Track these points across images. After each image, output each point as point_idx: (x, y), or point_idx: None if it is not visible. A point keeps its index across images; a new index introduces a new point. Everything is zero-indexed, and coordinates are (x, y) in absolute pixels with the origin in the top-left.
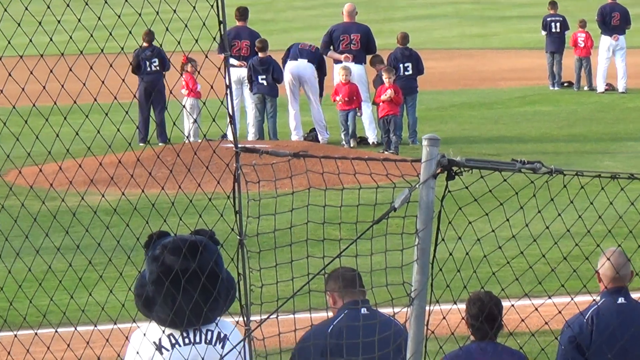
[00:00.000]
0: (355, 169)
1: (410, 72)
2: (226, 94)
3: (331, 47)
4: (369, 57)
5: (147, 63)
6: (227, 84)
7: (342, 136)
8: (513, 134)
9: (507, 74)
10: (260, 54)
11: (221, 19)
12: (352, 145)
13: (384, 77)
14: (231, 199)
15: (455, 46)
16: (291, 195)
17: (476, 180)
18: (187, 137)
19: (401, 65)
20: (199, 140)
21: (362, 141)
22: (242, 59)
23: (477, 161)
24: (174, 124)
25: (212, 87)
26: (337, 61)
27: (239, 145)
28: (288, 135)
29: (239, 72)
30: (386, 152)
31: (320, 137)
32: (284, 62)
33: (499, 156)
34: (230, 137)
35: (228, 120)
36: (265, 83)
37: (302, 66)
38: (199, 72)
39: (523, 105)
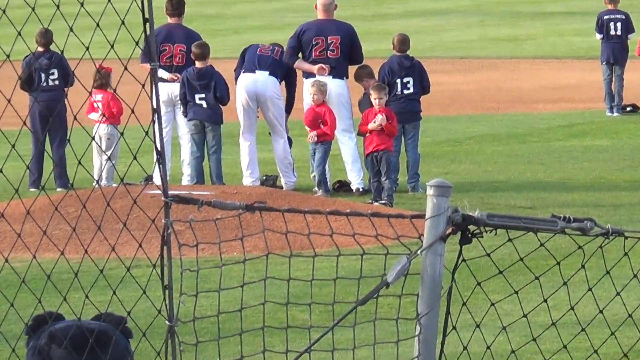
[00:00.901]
0: (332, 228)
1: (411, 90)
2: (153, 120)
3: (300, 55)
4: (353, 69)
5: (43, 75)
6: (154, 106)
7: (314, 180)
8: (554, 179)
9: (547, 94)
10: (197, 64)
11: (147, 15)
12: (322, 193)
13: (373, 97)
14: (158, 268)
15: (475, 54)
16: (242, 264)
17: (502, 245)
18: (98, 181)
19: (398, 81)
20: (114, 185)
21: (343, 187)
22: (175, 70)
23: (503, 218)
24: (79, 162)
25: (132, 110)
26: (309, 74)
27: (170, 193)
28: (239, 178)
29: (170, 89)
30: (376, 204)
31: (284, 182)
32: (237, 75)
33: (534, 210)
34: (157, 180)
35: (155, 157)
36: (204, 104)
37: (261, 80)
38: (114, 90)
39: (568, 138)
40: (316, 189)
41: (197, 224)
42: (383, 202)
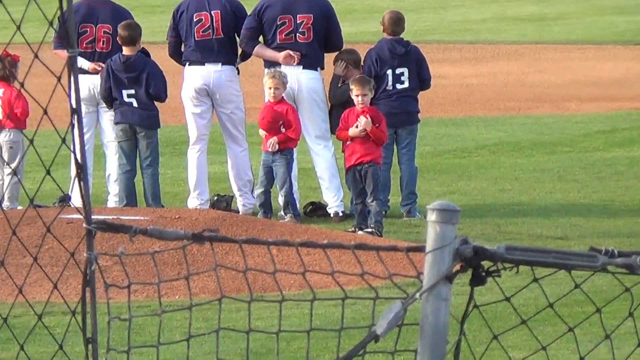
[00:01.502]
0: (304, 264)
1: (406, 84)
2: (71, 123)
3: (260, 39)
4: (329, 57)
5: None
6: (73, 105)
7: (258, 201)
8: (592, 200)
9: (582, 90)
10: (125, 50)
11: None
12: (291, 218)
13: (355, 92)
14: (78, 315)
15: (489, 38)
16: (188, 311)
17: (525, 287)
18: None
19: (389, 72)
20: (20, 208)
21: (317, 210)
22: (99, 57)
23: (526, 251)
24: None
25: (45, 111)
26: (272, 63)
27: (94, 218)
28: (181, 198)
29: (93, 83)
30: (360, 232)
31: (241, 204)
32: (172, 51)
33: (565, 241)
34: (77, 202)
35: (73, 171)
36: (134, 103)
37: (214, 74)
38: (21, 85)
39: (610, 148)
40: (282, 213)
41: (129, 258)
42: (370, 230)
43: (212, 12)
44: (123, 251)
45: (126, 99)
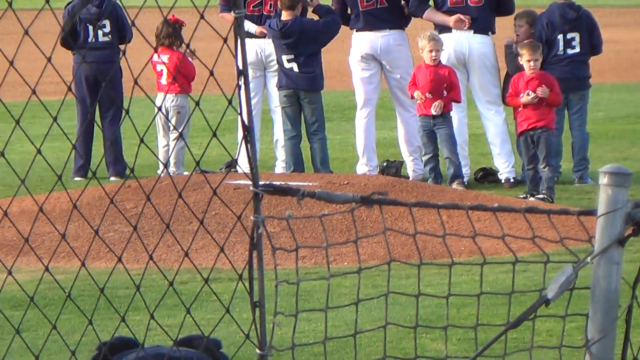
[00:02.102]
0: (474, 228)
1: (577, 49)
2: (238, 86)
3: (431, 3)
4: (499, 21)
5: (91, 29)
6: (240, 67)
7: (426, 167)
8: None
9: None
10: (283, 14)
11: None
12: (458, 184)
13: (525, 57)
14: (245, 280)
15: None
16: (356, 276)
17: None
18: (166, 167)
19: (560, 37)
20: (186, 173)
21: (488, 177)
22: (266, 20)
23: None
24: (142, 141)
25: (211, 73)
26: (442, 28)
27: (261, 183)
28: (351, 164)
29: (260, 47)
30: (532, 198)
31: (411, 170)
32: (346, 22)
33: None
34: (244, 166)
35: (240, 135)
36: (295, 68)
37: (383, 39)
38: (188, 47)
39: None
40: (430, 178)
41: (296, 223)
42: (541, 196)
43: None
44: (291, 214)
45: (286, 65)
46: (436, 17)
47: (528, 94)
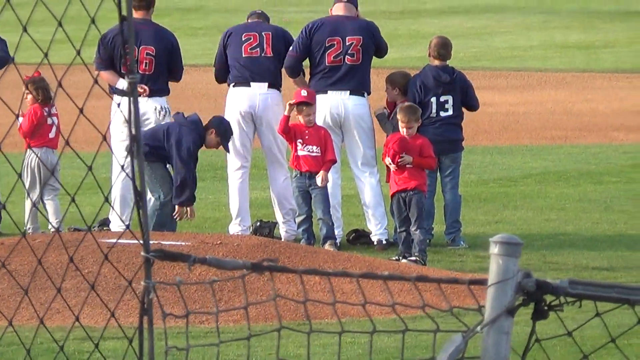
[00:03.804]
0: (364, 296)
1: (451, 111)
2: (131, 150)
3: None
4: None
5: None
6: (133, 131)
7: (300, 229)
8: None
9: (631, 119)
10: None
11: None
12: (330, 245)
13: (401, 121)
14: (136, 345)
15: (536, 66)
16: (246, 342)
17: (588, 321)
18: (45, 226)
19: (433, 100)
20: (63, 231)
21: (360, 238)
22: (141, 79)
23: (589, 286)
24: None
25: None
26: (318, 88)
27: (173, 244)
28: (224, 224)
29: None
30: (404, 260)
31: (283, 230)
32: (218, 69)
33: (612, 272)
34: (114, 226)
35: (114, 195)
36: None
37: (260, 96)
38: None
39: None
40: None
41: (186, 287)
42: (413, 258)
43: (262, 32)
44: (181, 280)
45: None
46: (299, 85)
47: (402, 156)
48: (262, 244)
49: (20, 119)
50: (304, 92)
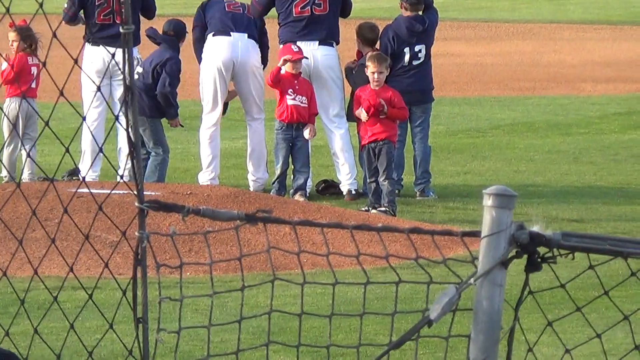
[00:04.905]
0: (358, 248)
1: (422, 60)
2: (125, 101)
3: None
4: (346, 27)
5: None
6: (127, 82)
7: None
8: (608, 183)
9: (598, 71)
10: None
11: None
12: (300, 195)
13: (370, 69)
14: (129, 296)
15: (503, 17)
16: (240, 293)
17: (581, 274)
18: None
19: (406, 50)
20: (40, 179)
21: (329, 189)
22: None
23: (583, 238)
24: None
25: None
26: (286, 39)
27: (147, 194)
28: (193, 174)
29: (108, 55)
30: (373, 211)
31: (253, 179)
32: (196, 37)
33: (581, 224)
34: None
35: (119, 149)
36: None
37: (241, 45)
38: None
39: (626, 130)
40: (273, 189)
41: (180, 238)
42: (383, 209)
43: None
44: (175, 231)
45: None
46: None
47: (361, 112)
48: (231, 193)
49: (5, 64)
50: (295, 48)
